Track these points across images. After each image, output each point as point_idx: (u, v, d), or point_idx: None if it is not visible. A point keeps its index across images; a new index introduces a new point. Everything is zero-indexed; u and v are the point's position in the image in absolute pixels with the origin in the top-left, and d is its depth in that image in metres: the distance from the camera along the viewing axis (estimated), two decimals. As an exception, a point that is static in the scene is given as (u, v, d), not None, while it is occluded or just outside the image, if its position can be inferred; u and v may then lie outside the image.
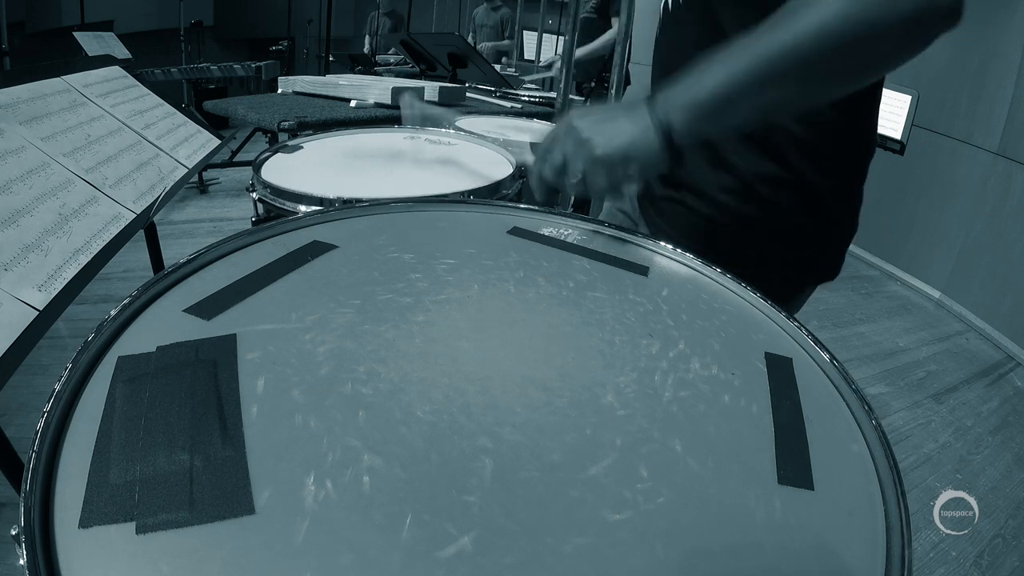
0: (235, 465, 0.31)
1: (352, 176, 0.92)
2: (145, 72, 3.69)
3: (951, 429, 1.97)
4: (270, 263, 0.52)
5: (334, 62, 4.29)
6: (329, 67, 4.25)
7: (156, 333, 0.41)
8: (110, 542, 0.27)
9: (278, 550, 0.27)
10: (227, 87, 4.76)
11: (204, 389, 0.36)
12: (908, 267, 3.22)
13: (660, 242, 0.64)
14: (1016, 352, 2.50)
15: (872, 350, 2.44)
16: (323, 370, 0.39)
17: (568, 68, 1.80)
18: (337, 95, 1.69)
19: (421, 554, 0.28)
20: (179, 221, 3.06)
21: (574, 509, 0.31)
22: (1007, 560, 1.46)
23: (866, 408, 0.41)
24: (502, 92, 2.23)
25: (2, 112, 0.74)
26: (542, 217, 0.69)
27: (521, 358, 0.42)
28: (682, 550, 0.30)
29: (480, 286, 0.52)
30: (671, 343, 0.47)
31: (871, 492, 0.35)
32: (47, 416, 0.33)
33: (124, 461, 0.31)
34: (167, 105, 1.14)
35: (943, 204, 2.99)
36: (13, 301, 0.55)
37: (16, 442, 0.59)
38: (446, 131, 1.26)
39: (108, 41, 3.98)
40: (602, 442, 0.36)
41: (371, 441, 0.33)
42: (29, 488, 0.28)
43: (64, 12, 4.72)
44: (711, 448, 0.36)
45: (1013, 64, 2.63)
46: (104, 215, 0.75)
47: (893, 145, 3.22)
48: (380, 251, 0.56)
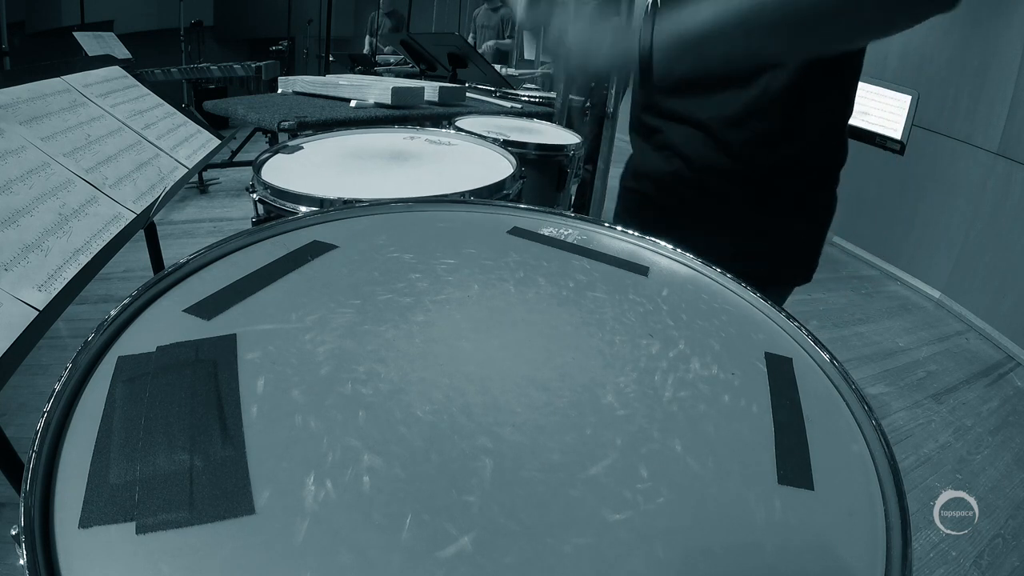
0: (235, 465, 0.31)
1: (352, 176, 0.92)
2: (145, 72, 3.69)
3: (951, 429, 1.97)
4: (270, 263, 0.52)
5: (334, 62, 4.29)
6: (329, 67, 4.25)
7: (156, 333, 0.41)
8: (110, 542, 0.27)
9: (278, 550, 0.27)
10: (227, 87, 4.76)
11: (204, 389, 0.36)
12: (908, 267, 3.22)
13: (660, 242, 0.64)
14: (1016, 352, 2.50)
15: (872, 350, 2.44)
16: (323, 370, 0.39)
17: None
18: (337, 95, 1.69)
19: (421, 554, 0.28)
20: (179, 221, 3.06)
21: (574, 509, 0.31)
22: (1007, 560, 1.46)
23: (866, 408, 0.41)
24: (502, 92, 2.23)
25: (2, 112, 0.74)
26: (542, 217, 0.69)
27: (521, 358, 0.42)
28: (682, 550, 0.30)
29: (480, 286, 0.52)
30: (671, 343, 0.47)
31: (871, 492, 0.35)
32: (47, 416, 0.33)
33: (124, 461, 0.31)
34: (167, 105, 1.14)
35: (943, 204, 2.99)
36: (13, 301, 0.55)
37: (16, 442, 0.59)
38: (446, 131, 1.26)
39: (108, 41, 3.98)
40: (602, 442, 0.36)
41: (371, 441, 0.33)
42: (29, 488, 0.28)
43: (64, 12, 4.72)
44: (711, 448, 0.36)
45: (1013, 64, 2.63)
46: (104, 215, 0.75)
47: (893, 145, 3.22)
48: (380, 251, 0.56)
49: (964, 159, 2.88)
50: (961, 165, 2.89)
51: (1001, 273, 2.64)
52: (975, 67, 2.80)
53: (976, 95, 2.81)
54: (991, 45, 2.72)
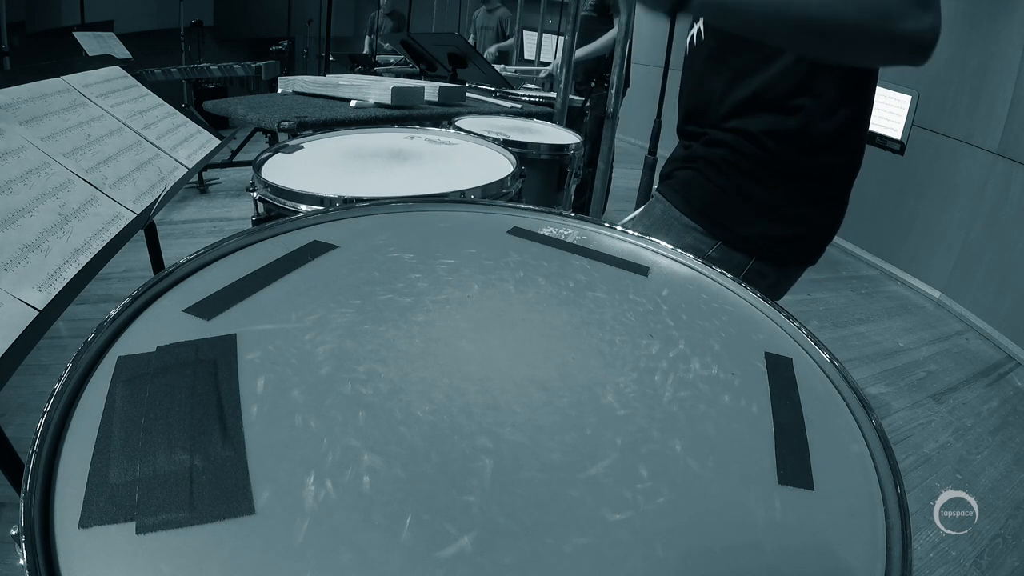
0: (235, 465, 0.31)
1: (352, 176, 0.92)
2: (145, 72, 3.68)
3: (951, 429, 1.97)
4: (270, 263, 0.52)
5: (334, 62, 4.28)
6: (329, 67, 4.24)
7: (156, 333, 0.41)
8: (110, 542, 0.27)
9: (278, 550, 0.27)
10: (227, 87, 4.76)
11: (204, 389, 0.36)
12: (908, 267, 3.22)
13: (660, 242, 0.64)
14: (1016, 352, 2.50)
15: (872, 350, 2.44)
16: (323, 370, 0.39)
17: (568, 68, 1.79)
18: (337, 95, 1.69)
19: (421, 554, 0.28)
20: (179, 221, 3.06)
21: (574, 509, 0.31)
22: (1007, 560, 1.46)
23: (866, 408, 0.41)
24: (502, 92, 2.23)
25: (2, 112, 0.74)
26: (542, 217, 0.69)
27: (521, 358, 0.42)
28: (682, 550, 0.30)
29: (480, 286, 0.52)
30: (671, 343, 0.47)
31: (871, 492, 0.35)
32: (47, 416, 0.33)
33: (124, 461, 0.31)
34: (167, 105, 1.14)
35: (943, 204, 2.99)
36: (13, 301, 0.55)
37: (16, 442, 0.59)
38: (446, 131, 1.26)
39: (108, 41, 3.98)
40: (602, 442, 0.36)
41: (371, 441, 0.33)
42: (29, 488, 0.28)
43: (64, 12, 4.72)
44: (711, 448, 0.36)
45: (1013, 64, 2.63)
46: (104, 215, 0.75)
47: (893, 145, 3.22)
48: (380, 251, 0.56)
49: (964, 159, 2.88)
50: (961, 165, 2.89)
51: (1001, 273, 2.64)
52: (975, 67, 2.80)
53: (976, 95, 2.81)
54: (991, 45, 2.72)
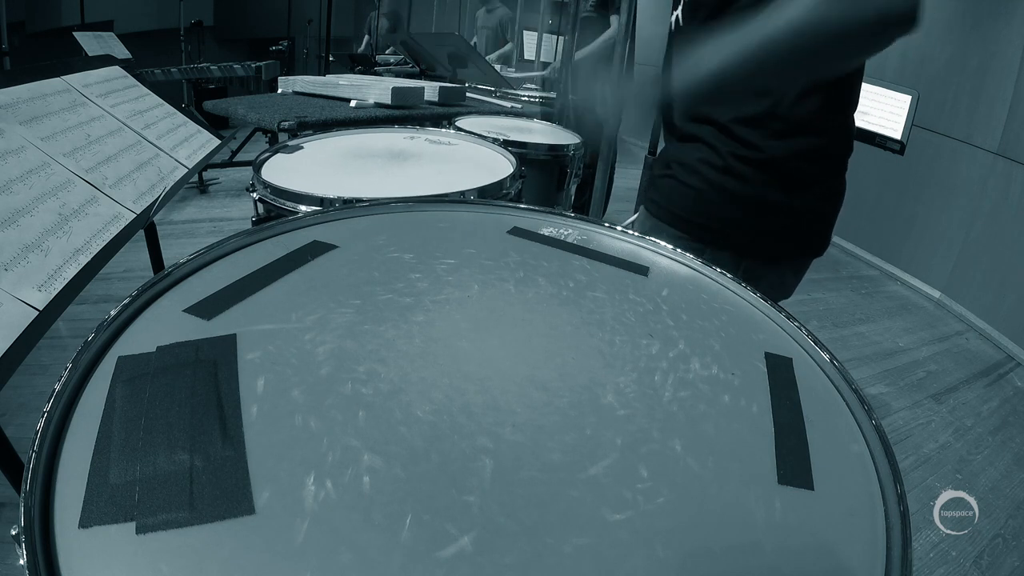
0: (235, 465, 0.31)
1: (352, 176, 0.92)
2: (145, 72, 3.68)
3: (951, 429, 1.97)
4: (270, 263, 0.52)
5: (334, 62, 4.28)
6: (329, 67, 4.24)
7: (156, 333, 0.41)
8: (110, 542, 0.27)
9: (278, 550, 0.27)
10: (227, 87, 4.75)
11: (204, 389, 0.36)
12: (908, 267, 3.21)
13: (660, 242, 0.64)
14: (1016, 352, 2.50)
15: (872, 350, 2.44)
16: (323, 370, 0.39)
17: (568, 68, 1.79)
18: (337, 95, 1.69)
19: (421, 554, 0.28)
20: (179, 221, 3.06)
21: (574, 509, 0.31)
22: (1007, 560, 1.46)
23: (866, 408, 0.41)
24: (502, 92, 2.23)
25: (2, 112, 0.74)
26: (542, 217, 0.69)
27: (521, 358, 0.42)
28: (682, 550, 0.30)
29: (480, 286, 0.52)
30: (671, 343, 0.47)
31: (871, 492, 0.35)
32: (47, 416, 0.32)
33: (124, 461, 0.31)
34: (167, 105, 1.14)
35: (943, 204, 2.99)
36: (13, 301, 0.55)
37: (16, 442, 0.59)
38: (446, 131, 1.26)
39: (108, 41, 3.97)
40: (602, 442, 0.36)
41: (371, 441, 0.33)
42: (29, 488, 0.28)
43: (64, 12, 4.71)
44: (711, 448, 0.36)
45: (1013, 64, 2.63)
46: (104, 215, 0.75)
47: (893, 145, 3.22)
48: (380, 251, 0.56)
49: (964, 159, 2.87)
50: (961, 165, 2.89)
51: (1001, 273, 2.64)
52: (975, 67, 2.80)
53: (976, 95, 2.81)
54: (991, 45, 2.72)
